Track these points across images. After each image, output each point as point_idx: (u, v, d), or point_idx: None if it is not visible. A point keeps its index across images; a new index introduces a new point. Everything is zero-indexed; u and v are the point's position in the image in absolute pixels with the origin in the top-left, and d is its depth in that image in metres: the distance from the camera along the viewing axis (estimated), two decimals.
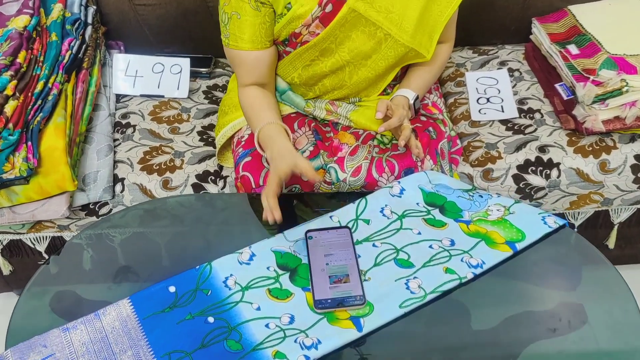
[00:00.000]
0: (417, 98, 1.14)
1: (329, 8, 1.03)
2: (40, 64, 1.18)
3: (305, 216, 1.04)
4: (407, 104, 1.11)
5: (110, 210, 1.23)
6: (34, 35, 1.20)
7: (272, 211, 0.92)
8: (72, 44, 1.26)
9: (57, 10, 1.29)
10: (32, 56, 1.16)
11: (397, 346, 0.84)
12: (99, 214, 1.23)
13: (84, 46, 1.32)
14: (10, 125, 1.05)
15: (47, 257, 1.34)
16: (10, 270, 1.37)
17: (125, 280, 0.95)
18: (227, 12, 1.07)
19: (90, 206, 1.22)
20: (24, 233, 1.27)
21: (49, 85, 1.15)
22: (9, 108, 1.05)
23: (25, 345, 0.81)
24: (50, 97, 1.15)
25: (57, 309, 0.91)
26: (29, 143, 1.07)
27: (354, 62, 1.10)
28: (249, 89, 1.12)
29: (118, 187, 1.23)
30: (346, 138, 1.13)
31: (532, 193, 1.24)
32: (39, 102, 1.12)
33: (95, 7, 1.44)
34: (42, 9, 1.29)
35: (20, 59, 1.13)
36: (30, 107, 1.10)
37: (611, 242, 1.38)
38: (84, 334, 0.83)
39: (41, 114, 1.12)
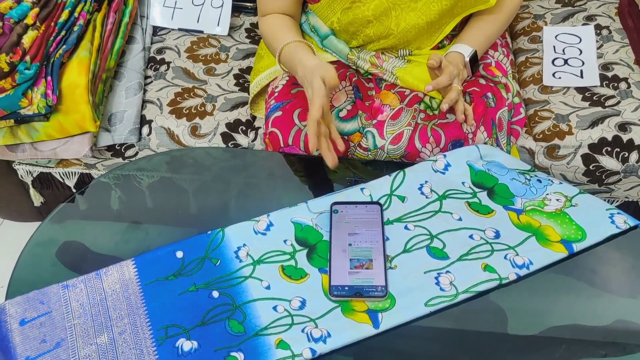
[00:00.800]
0: (475, 55, 0.98)
1: None
2: None
3: (334, 183, 0.93)
4: (462, 62, 0.95)
5: (137, 153, 1.17)
6: None
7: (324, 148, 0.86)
8: None
9: None
10: None
11: (416, 345, 0.75)
12: (125, 155, 1.17)
13: None
14: (28, 57, 0.97)
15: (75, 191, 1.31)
16: (41, 202, 1.35)
17: (134, 237, 0.89)
18: None
19: (117, 147, 1.16)
20: (52, 167, 1.24)
21: (75, 14, 1.07)
22: (27, 39, 0.97)
23: (23, 299, 0.78)
24: (75, 28, 1.07)
25: (64, 258, 0.87)
26: (49, 78, 1.00)
27: (401, 4, 0.94)
28: (269, 17, 1.01)
29: (145, 130, 1.16)
30: (389, 98, 0.99)
31: (604, 177, 1.07)
32: (63, 32, 1.04)
33: None
34: None
35: None
36: (52, 38, 1.03)
37: None
38: (82, 294, 0.78)
39: (64, 47, 1.04)
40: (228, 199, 0.94)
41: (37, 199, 1.34)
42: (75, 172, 1.26)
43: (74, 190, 1.30)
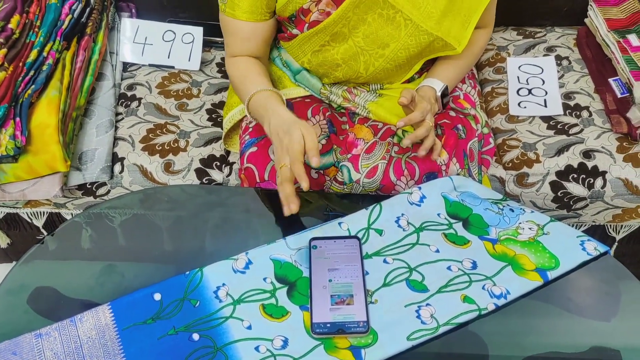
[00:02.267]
0: (446, 89, 1.01)
1: None
2: (36, 29, 1.08)
3: (311, 217, 0.93)
4: (434, 96, 0.98)
5: (109, 191, 1.15)
6: None
7: (287, 201, 0.81)
8: (73, 7, 1.15)
9: None
10: (27, 21, 1.07)
11: None
12: (97, 194, 1.15)
13: (88, 9, 1.21)
14: None
15: (45, 232, 1.28)
16: (8, 243, 1.31)
17: (109, 279, 0.87)
18: None
19: (87, 185, 1.14)
20: (19, 207, 1.21)
21: (44, 54, 1.06)
22: None
23: None
24: (44, 67, 1.05)
25: (36, 305, 0.84)
26: (17, 119, 0.98)
27: (370, 50, 0.96)
28: (238, 59, 1.01)
29: (117, 167, 1.14)
30: (363, 132, 1.00)
31: (571, 203, 1.10)
32: (32, 72, 1.03)
33: None
34: None
35: (12, 24, 1.03)
36: (20, 78, 1.01)
37: None
38: (57, 342, 0.76)
39: (33, 87, 1.02)
40: (205, 237, 0.93)
41: (3, 240, 1.30)
42: (44, 212, 1.22)
43: (43, 230, 1.27)
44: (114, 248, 0.91)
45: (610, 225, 1.17)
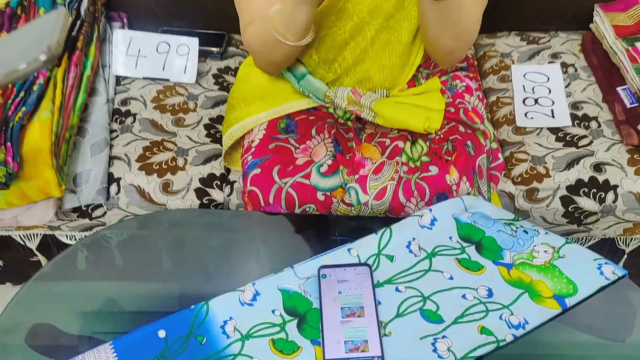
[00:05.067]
0: None
1: None
2: None
3: (319, 242, 0.90)
4: None
5: (105, 213, 1.11)
6: (19, 12, 1.05)
7: None
8: None
9: None
10: None
11: None
12: (92, 216, 1.11)
13: (78, 22, 1.16)
14: None
15: (38, 254, 1.23)
16: (0, 266, 1.27)
17: (110, 315, 0.83)
18: None
19: (83, 207, 1.10)
20: (12, 230, 1.16)
21: (34, 73, 1.01)
22: None
23: None
24: (35, 88, 1.01)
25: (34, 343, 0.81)
26: (8, 144, 0.93)
27: (375, 22, 0.95)
28: (255, 21, 0.96)
29: (113, 188, 1.10)
30: (370, 151, 0.97)
31: (582, 218, 1.08)
32: (22, 94, 0.98)
33: None
34: None
35: None
36: (10, 101, 0.96)
37: None
38: None
39: (24, 109, 0.98)
40: (209, 265, 0.89)
41: None
42: (37, 234, 1.18)
43: (36, 252, 1.23)
44: (114, 278, 0.88)
45: (620, 238, 1.15)
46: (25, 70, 0.47)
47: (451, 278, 0.83)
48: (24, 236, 1.18)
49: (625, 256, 1.17)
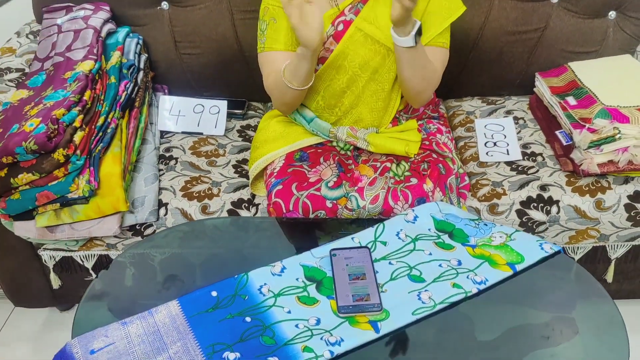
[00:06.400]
0: (420, 28, 1.16)
1: (340, 27, 1.26)
2: (101, 102, 1.36)
3: (329, 238, 1.17)
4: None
5: (154, 231, 1.38)
6: (97, 78, 1.39)
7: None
8: (127, 86, 1.44)
9: (115, 57, 1.49)
10: (95, 95, 1.35)
11: (409, 353, 0.96)
12: (144, 234, 1.38)
13: (136, 88, 1.50)
14: (78, 152, 1.22)
15: (93, 273, 1.48)
16: (59, 285, 1.51)
17: (172, 287, 1.08)
18: (265, 20, 1.29)
19: (137, 227, 1.37)
20: (75, 250, 1.42)
21: (108, 120, 1.33)
22: (77, 137, 1.22)
23: (90, 334, 0.95)
24: (109, 130, 1.32)
25: (114, 309, 1.05)
26: (92, 168, 1.23)
27: (365, 75, 1.29)
28: (272, 73, 1.30)
29: (162, 211, 1.38)
30: (365, 170, 1.28)
31: (534, 227, 1.36)
32: (100, 134, 1.29)
33: (146, 55, 1.64)
34: (104, 55, 1.49)
35: (86, 97, 1.31)
36: (93, 137, 1.27)
37: (609, 277, 1.49)
38: (139, 327, 0.96)
39: (101, 144, 1.29)
40: (248, 252, 1.16)
41: (56, 282, 1.49)
42: (94, 255, 1.44)
43: (92, 272, 1.47)
44: (170, 269, 1.13)
45: (569, 247, 1.42)
46: None
47: (430, 254, 1.10)
48: (84, 256, 1.44)
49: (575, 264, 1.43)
